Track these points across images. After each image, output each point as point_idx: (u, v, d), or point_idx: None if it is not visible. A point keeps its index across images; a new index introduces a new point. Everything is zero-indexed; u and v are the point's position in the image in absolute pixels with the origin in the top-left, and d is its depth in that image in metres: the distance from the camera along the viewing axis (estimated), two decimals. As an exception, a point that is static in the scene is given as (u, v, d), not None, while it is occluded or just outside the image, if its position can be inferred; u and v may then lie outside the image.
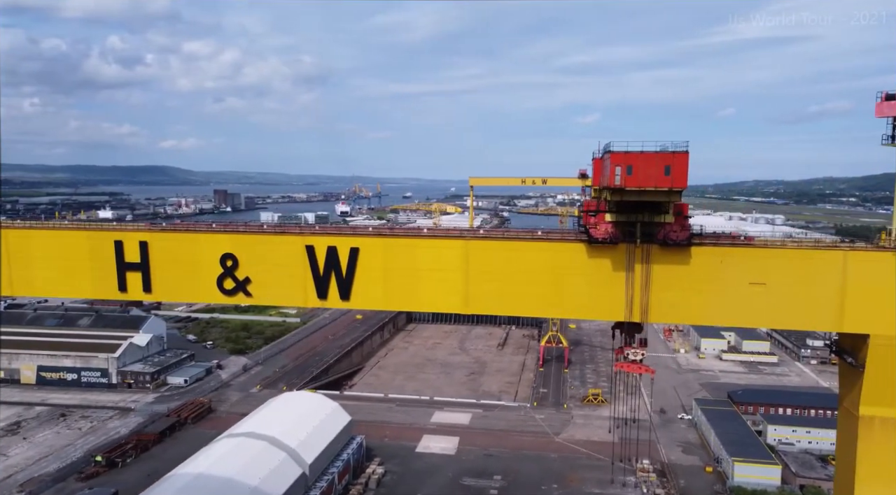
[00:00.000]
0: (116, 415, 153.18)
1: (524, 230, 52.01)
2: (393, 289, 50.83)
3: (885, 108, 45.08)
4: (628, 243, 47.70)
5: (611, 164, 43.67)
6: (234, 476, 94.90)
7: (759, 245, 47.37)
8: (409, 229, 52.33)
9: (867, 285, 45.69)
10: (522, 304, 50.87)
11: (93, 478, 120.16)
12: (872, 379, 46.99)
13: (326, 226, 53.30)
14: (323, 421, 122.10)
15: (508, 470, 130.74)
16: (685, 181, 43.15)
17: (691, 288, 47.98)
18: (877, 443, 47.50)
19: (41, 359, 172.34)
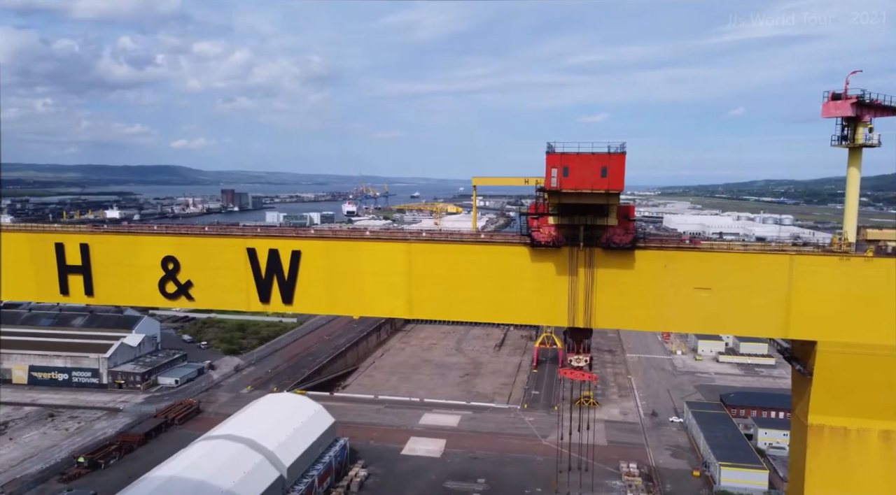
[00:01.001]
0: (104, 416, 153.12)
1: (469, 233, 51.04)
2: (336, 293, 50.01)
3: (831, 109, 43.83)
4: (572, 247, 46.59)
5: (547, 166, 42.63)
6: (207, 479, 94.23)
7: (705, 249, 46.15)
8: (352, 232, 51.56)
9: (813, 290, 44.46)
10: (467, 309, 49.90)
11: (74, 480, 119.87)
12: (821, 387, 45.74)
13: (268, 229, 52.63)
14: (305, 423, 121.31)
15: (493, 474, 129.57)
16: (621, 183, 42.05)
17: (636, 292, 46.91)
18: (826, 452, 46.26)
19: (33, 359, 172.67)
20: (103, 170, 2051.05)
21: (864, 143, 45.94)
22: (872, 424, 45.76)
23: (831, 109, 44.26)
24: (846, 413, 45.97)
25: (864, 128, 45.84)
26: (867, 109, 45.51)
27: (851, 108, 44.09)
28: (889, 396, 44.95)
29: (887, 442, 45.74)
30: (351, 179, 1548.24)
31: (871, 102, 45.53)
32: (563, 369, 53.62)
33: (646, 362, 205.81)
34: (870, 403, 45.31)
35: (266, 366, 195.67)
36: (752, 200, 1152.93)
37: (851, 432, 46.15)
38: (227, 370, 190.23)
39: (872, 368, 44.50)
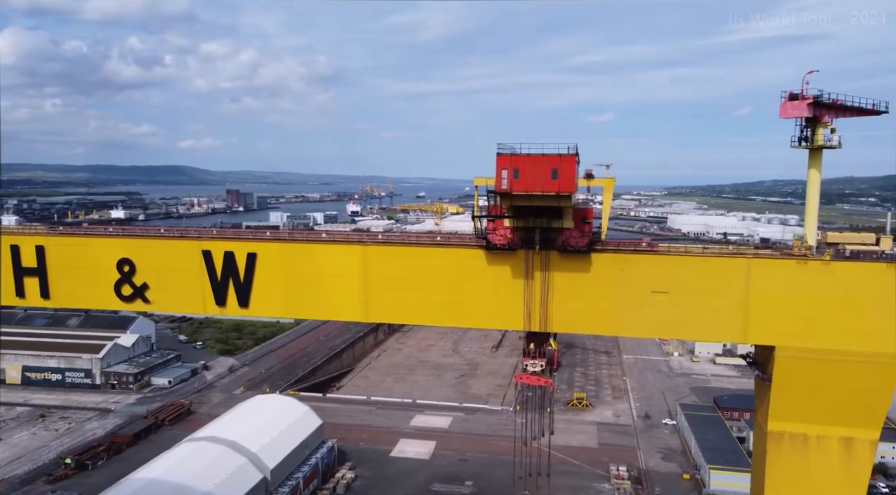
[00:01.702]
0: (96, 416, 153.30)
1: (426, 234, 50.43)
2: (293, 296, 49.47)
3: (788, 109, 42.97)
4: (528, 249, 45.91)
5: (497, 167, 41.94)
6: (187, 481, 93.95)
7: (662, 252, 45.32)
8: (308, 234, 50.94)
9: (771, 294, 43.61)
10: (424, 313, 49.24)
11: (61, 481, 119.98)
12: (780, 393, 44.90)
13: (225, 230, 52.11)
14: (291, 425, 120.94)
15: (481, 476, 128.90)
16: (573, 185, 41.30)
17: (593, 296, 46.17)
18: (786, 459, 45.42)
19: (26, 360, 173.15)
20: (111, 171, 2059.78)
21: (823, 145, 45.04)
22: (832, 431, 44.87)
23: (788, 110, 43.35)
24: (806, 419, 45.09)
25: (824, 130, 44.93)
26: (827, 110, 44.60)
27: (808, 109, 43.19)
28: (848, 402, 44.06)
29: (847, 449, 44.86)
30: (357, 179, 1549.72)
31: (830, 103, 44.62)
32: (520, 374, 53.06)
33: (642, 363, 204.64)
34: (829, 409, 44.42)
35: (260, 367, 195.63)
36: (759, 200, 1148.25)
37: (811, 439, 45.28)
38: (221, 370, 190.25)
39: (831, 374, 43.63)
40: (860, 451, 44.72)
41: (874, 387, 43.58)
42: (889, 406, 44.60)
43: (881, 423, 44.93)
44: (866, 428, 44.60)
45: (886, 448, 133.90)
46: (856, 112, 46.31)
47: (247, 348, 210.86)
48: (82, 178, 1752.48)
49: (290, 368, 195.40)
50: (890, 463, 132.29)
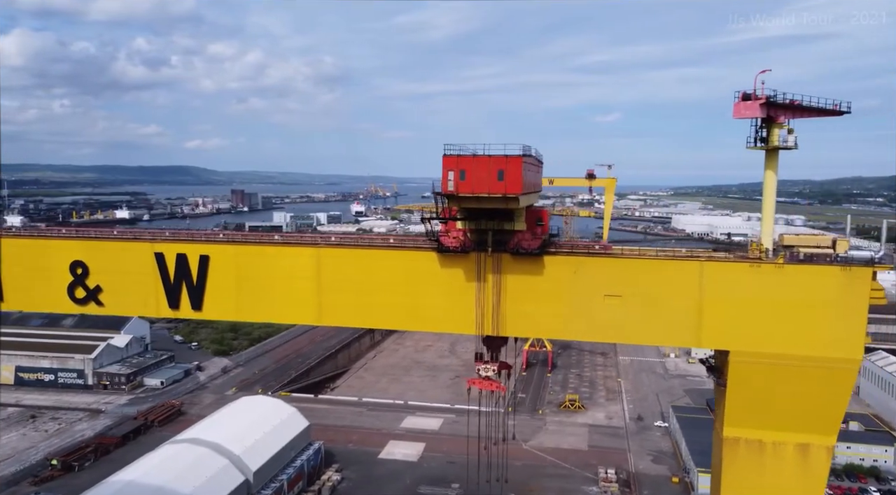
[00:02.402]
0: (86, 417, 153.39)
1: (380, 236, 49.89)
2: (246, 299, 49.01)
3: (742, 109, 42.20)
4: (480, 252, 45.28)
5: (443, 169, 41.35)
6: (165, 484, 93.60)
7: (615, 255, 44.62)
8: (261, 235, 50.44)
9: (724, 298, 42.85)
10: (378, 316, 48.71)
11: (46, 482, 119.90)
12: (735, 398, 44.15)
13: (178, 232, 51.59)
14: (276, 426, 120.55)
15: (468, 478, 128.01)
16: (519, 187, 40.66)
17: (546, 299, 45.53)
18: (742, 465, 44.66)
19: (19, 360, 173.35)
20: (119, 171, 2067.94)
21: (779, 146, 44.23)
22: (788, 437, 44.08)
23: (742, 110, 42.55)
24: (761, 425, 44.31)
25: (780, 130, 44.12)
26: (783, 110, 43.79)
27: (761, 109, 42.38)
28: (804, 408, 43.26)
29: (804, 455, 44.04)
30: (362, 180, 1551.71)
31: (786, 103, 43.79)
32: (472, 379, 52.58)
33: (637, 365, 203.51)
34: (785, 415, 43.63)
35: (254, 368, 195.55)
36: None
37: (767, 445, 44.49)
38: (214, 371, 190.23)
39: (786, 379, 42.83)
40: (816, 458, 43.91)
41: (830, 393, 42.76)
42: (844, 412, 43.79)
43: (837, 430, 44.14)
44: (822, 435, 43.80)
45: (879, 451, 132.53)
46: (815, 112, 45.52)
47: (242, 348, 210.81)
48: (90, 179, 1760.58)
49: (283, 369, 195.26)
50: (883, 466, 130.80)
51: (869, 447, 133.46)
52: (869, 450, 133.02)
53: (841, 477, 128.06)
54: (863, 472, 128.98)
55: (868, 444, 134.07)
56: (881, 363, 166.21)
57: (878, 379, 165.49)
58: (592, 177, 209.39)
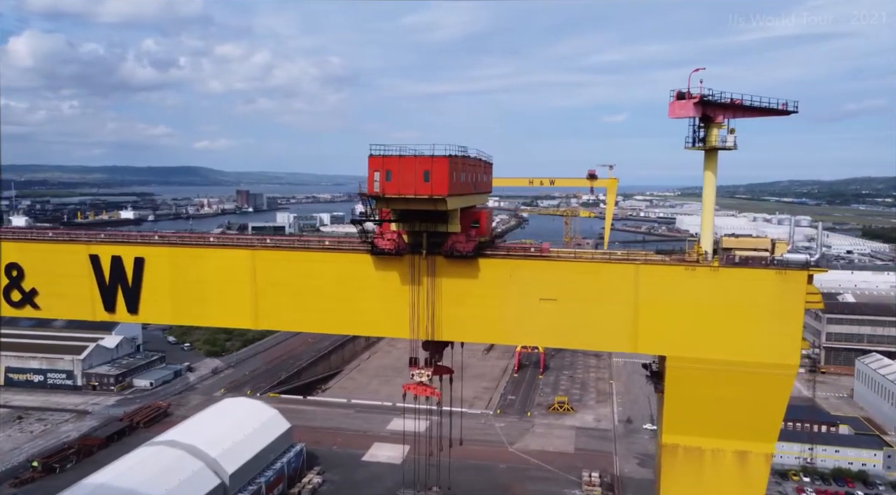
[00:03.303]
0: (72, 419, 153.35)
1: (315, 239, 49.14)
2: (182, 303, 48.29)
3: (677, 109, 41.13)
4: (415, 254, 44.41)
5: (369, 169, 40.49)
6: (137, 486, 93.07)
7: (551, 257, 43.66)
8: (197, 237, 49.69)
9: (660, 302, 41.79)
10: (314, 320, 47.90)
11: (26, 484, 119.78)
12: (672, 404, 43.12)
13: (114, 234, 50.96)
14: (256, 429, 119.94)
15: (451, 481, 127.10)
16: (445, 188, 39.79)
17: (481, 303, 44.63)
18: (680, 473, 43.58)
19: (9, 361, 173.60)
20: (127, 171, 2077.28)
21: (717, 146, 43.14)
22: (727, 444, 42.99)
23: (676, 110, 41.47)
24: (700, 432, 43.23)
25: (718, 130, 43.03)
26: (721, 110, 42.69)
27: (695, 108, 41.29)
28: (742, 415, 42.15)
29: (742, 463, 42.94)
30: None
31: (726, 103, 42.69)
32: (407, 384, 51.81)
33: (630, 367, 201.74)
34: (723, 422, 42.53)
35: (245, 369, 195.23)
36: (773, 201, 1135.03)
37: (706, 452, 43.41)
38: (204, 372, 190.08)
39: (723, 385, 41.76)
40: (755, 465, 42.80)
41: (767, 400, 41.68)
42: (782, 419, 42.69)
43: (776, 437, 43.00)
44: (761, 442, 42.70)
45: (868, 455, 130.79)
46: (759, 112, 44.41)
47: (235, 350, 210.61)
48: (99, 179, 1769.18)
49: (274, 371, 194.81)
50: (871, 471, 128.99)
51: (858, 451, 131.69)
52: (858, 454, 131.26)
53: (829, 482, 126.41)
54: (851, 477, 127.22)
55: (857, 448, 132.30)
56: (874, 365, 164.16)
57: (871, 382, 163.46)
58: (594, 178, 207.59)
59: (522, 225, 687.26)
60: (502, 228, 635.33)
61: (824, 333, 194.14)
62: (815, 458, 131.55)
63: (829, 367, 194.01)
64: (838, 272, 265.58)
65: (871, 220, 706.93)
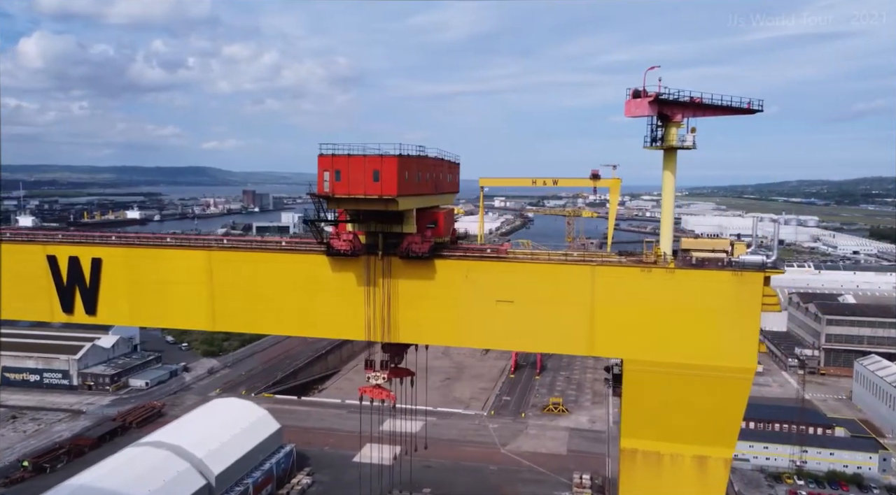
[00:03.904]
0: (66, 418, 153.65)
1: (272, 239, 48.60)
2: (139, 304, 47.88)
3: (633, 107, 40.37)
4: (371, 255, 43.84)
5: (319, 169, 39.96)
6: (120, 487, 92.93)
7: (507, 259, 42.99)
8: (154, 238, 49.26)
9: (616, 304, 41.08)
10: (272, 322, 47.38)
11: (16, 484, 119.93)
12: (630, 408, 42.38)
13: (72, 234, 50.59)
14: (245, 429, 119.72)
15: (441, 483, 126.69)
16: (395, 188, 39.19)
17: (438, 305, 44.01)
18: (639, 477, 42.85)
19: (5, 360, 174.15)
20: (136, 171, 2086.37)
21: (675, 145, 42.35)
22: (686, 449, 42.20)
23: (632, 108, 40.70)
24: (658, 437, 42.48)
25: (677, 129, 42.25)
26: (679, 108, 41.91)
27: (650, 107, 40.50)
28: (700, 420, 41.37)
29: (701, 468, 42.14)
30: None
31: (687, 101, 41.90)
32: (363, 387, 51.37)
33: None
34: (682, 427, 41.77)
35: (241, 369, 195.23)
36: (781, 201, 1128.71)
37: (665, 457, 42.64)
38: (200, 372, 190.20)
39: (681, 389, 41.00)
40: (714, 471, 42.01)
41: (725, 404, 40.90)
42: (740, 423, 41.86)
43: (734, 442, 42.19)
44: (720, 447, 41.89)
45: (863, 458, 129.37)
46: (722, 111, 43.62)
47: (232, 350, 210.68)
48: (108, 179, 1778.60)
49: (270, 371, 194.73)
50: (866, 473, 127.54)
51: (853, 453, 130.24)
52: (853, 457, 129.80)
53: (822, 485, 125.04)
54: (845, 480, 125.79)
55: (852, 451, 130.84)
56: (873, 367, 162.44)
57: (869, 384, 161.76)
58: (597, 178, 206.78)
59: (528, 225, 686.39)
60: (507, 228, 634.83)
61: (823, 335, 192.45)
62: (810, 461, 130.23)
63: (828, 369, 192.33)
64: (840, 273, 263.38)
65: (879, 221, 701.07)
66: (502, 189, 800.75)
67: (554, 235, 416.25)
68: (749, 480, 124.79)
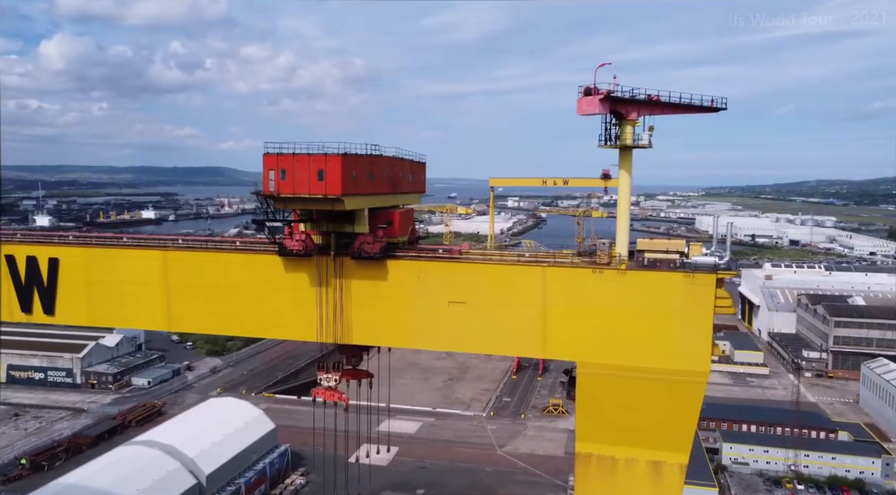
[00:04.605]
0: (68, 416, 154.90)
1: (228, 239, 48.27)
2: (97, 304, 47.73)
3: (584, 105, 39.50)
4: (324, 256, 43.37)
5: (264, 168, 39.51)
6: (108, 486, 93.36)
7: (459, 259, 42.31)
8: (111, 238, 49.08)
9: (568, 305, 40.29)
10: (228, 322, 47.02)
11: (14, 482, 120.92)
12: (584, 412, 41.60)
13: (30, 233, 50.60)
14: (239, 429, 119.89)
15: (435, 484, 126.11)
16: (339, 187, 38.67)
17: (391, 306, 43.42)
18: (594, 482, 42.09)
19: (11, 358, 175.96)
20: (154, 172, 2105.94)
21: (630, 144, 41.42)
22: (640, 454, 41.29)
23: (584, 106, 39.76)
24: (613, 441, 41.59)
25: (633, 127, 41.32)
26: (633, 106, 40.97)
27: (601, 105, 39.55)
28: (654, 424, 40.45)
29: (657, 473, 41.22)
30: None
31: (643, 99, 40.94)
32: (316, 389, 50.99)
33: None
34: (636, 431, 40.87)
35: (243, 369, 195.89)
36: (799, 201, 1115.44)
37: (619, 461, 41.75)
38: (203, 371, 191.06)
39: (634, 393, 40.09)
40: (669, 476, 41.09)
41: (678, 409, 39.97)
42: (695, 428, 40.90)
43: (689, 447, 41.22)
44: (674, 452, 40.97)
45: (865, 463, 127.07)
46: (682, 109, 42.63)
47: (236, 349, 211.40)
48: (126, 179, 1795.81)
49: (272, 370, 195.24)
50: (869, 479, 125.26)
51: (855, 458, 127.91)
52: (855, 462, 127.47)
53: (823, 489, 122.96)
54: (847, 485, 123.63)
55: (855, 456, 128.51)
56: (880, 370, 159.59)
57: (876, 388, 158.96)
58: (608, 178, 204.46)
59: (540, 225, 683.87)
60: (519, 229, 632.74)
61: (831, 337, 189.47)
62: (811, 465, 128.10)
63: (836, 372, 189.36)
64: (851, 274, 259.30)
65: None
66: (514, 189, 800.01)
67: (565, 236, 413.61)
68: (747, 484, 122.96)
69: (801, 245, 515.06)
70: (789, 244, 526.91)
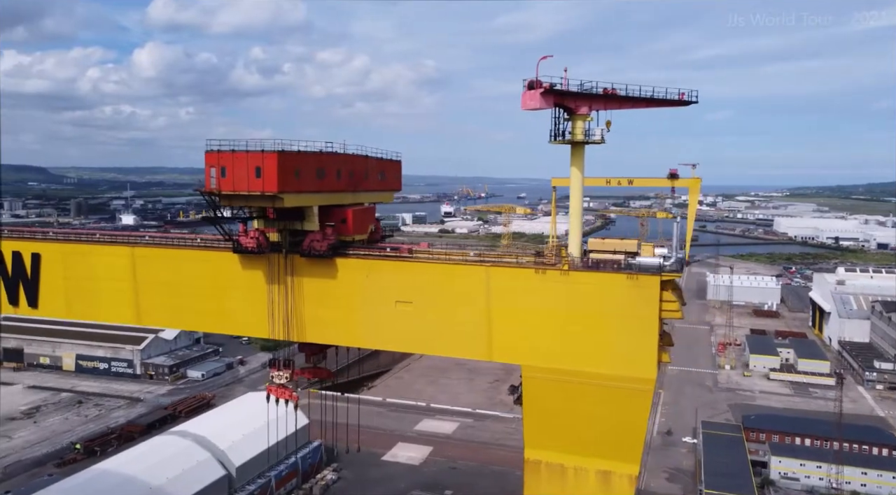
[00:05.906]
0: (125, 405, 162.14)
1: (190, 236, 49.03)
2: (74, 298, 49.59)
3: (527, 99, 38.11)
4: (277, 253, 43.56)
5: (206, 166, 39.97)
6: (137, 474, 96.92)
7: (406, 258, 41.64)
8: (87, 234, 50.72)
9: (512, 307, 39.09)
10: (191, 318, 48.19)
11: (67, 465, 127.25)
12: (531, 418, 40.30)
13: (17, 229, 52.87)
14: (271, 422, 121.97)
15: (463, 485, 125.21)
16: (275, 184, 38.70)
17: (341, 304, 43.34)
18: (543, 491, 40.50)
19: (79, 349, 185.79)
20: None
21: (581, 140, 39.57)
22: (589, 463, 39.48)
23: (527, 100, 38.20)
24: (561, 449, 39.96)
25: (584, 122, 39.50)
26: (583, 101, 39.13)
27: (541, 99, 37.88)
28: (602, 432, 38.57)
29: (606, 484, 39.29)
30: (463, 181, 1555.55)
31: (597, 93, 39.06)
32: (269, 386, 50.94)
33: (685, 375, 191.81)
34: (584, 439, 39.11)
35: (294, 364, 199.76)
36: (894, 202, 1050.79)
37: (569, 470, 40.06)
38: (255, 365, 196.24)
39: (580, 399, 38.37)
40: (619, 487, 39.12)
41: (626, 416, 37.97)
42: (644, 437, 38.73)
43: (639, 457, 39.11)
44: (624, 462, 38.96)
45: (872, 476, 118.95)
46: (641, 103, 40.58)
47: (287, 345, 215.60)
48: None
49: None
50: (872, 491, 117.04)
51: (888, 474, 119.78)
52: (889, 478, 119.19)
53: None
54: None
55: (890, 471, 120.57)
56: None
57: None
58: (675, 177, 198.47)
59: (608, 226, 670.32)
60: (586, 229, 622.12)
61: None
62: (869, 484, 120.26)
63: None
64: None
65: None
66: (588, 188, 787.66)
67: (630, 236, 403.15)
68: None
69: (891, 248, 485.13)
70: (877, 247, 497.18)
